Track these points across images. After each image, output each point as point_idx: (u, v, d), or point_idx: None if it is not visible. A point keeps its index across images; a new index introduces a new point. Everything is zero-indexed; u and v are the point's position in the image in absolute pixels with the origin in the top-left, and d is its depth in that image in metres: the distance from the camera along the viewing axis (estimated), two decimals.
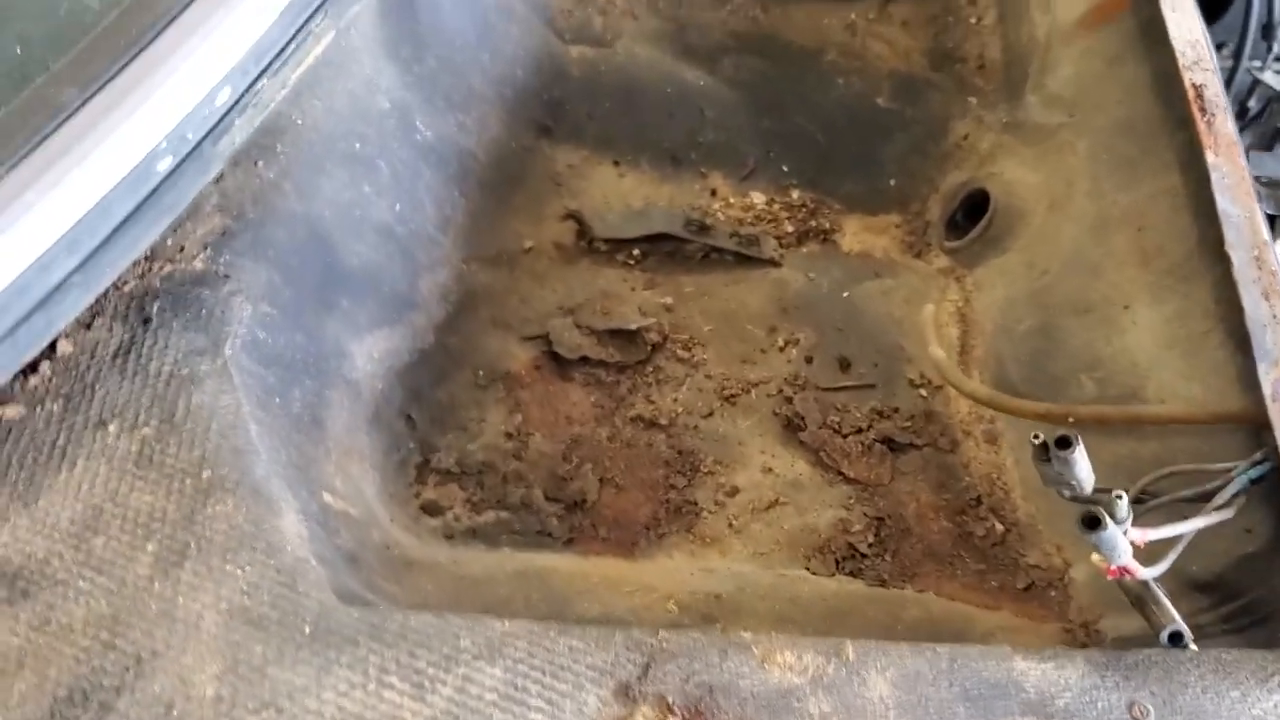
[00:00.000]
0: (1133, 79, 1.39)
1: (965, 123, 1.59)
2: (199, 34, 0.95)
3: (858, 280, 1.45)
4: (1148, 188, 1.30)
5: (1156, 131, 1.31)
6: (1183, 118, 1.24)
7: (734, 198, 1.54)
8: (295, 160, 1.17)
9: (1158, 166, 1.29)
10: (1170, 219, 1.24)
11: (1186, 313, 1.17)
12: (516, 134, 1.52)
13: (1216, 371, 1.10)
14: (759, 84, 1.61)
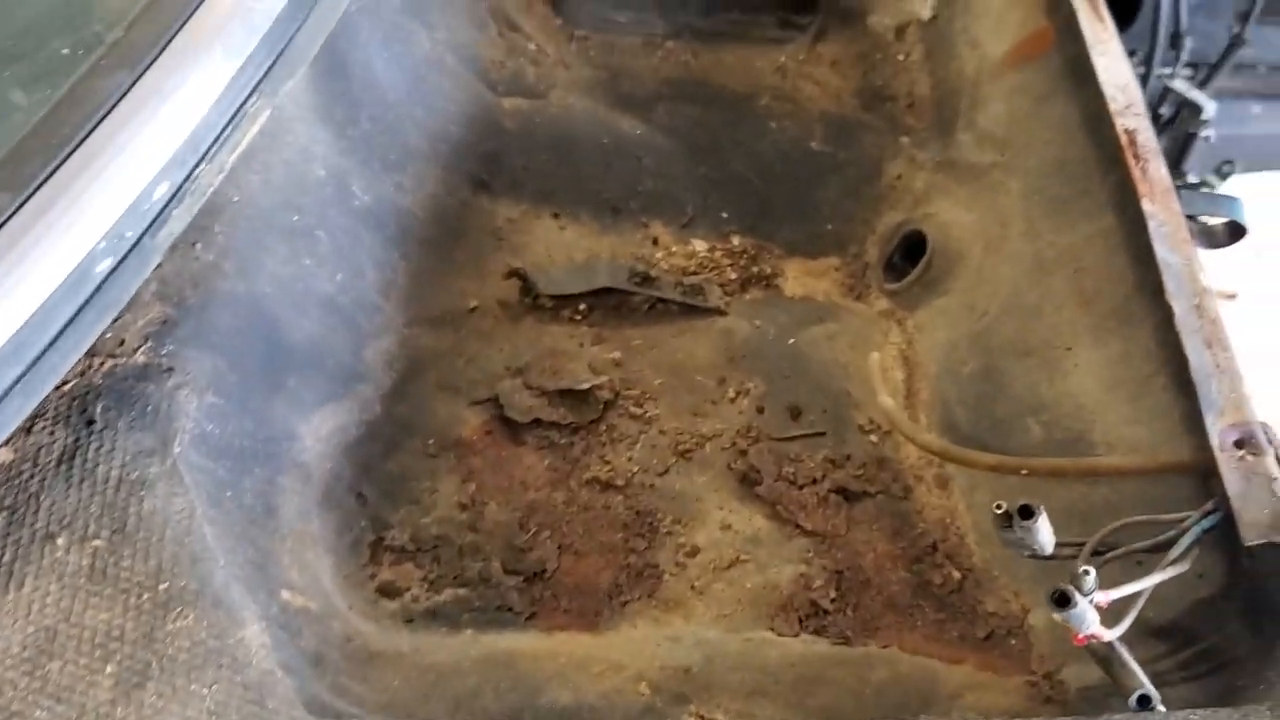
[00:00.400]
0: (1062, 118, 1.41)
1: (898, 163, 1.60)
2: (133, 128, 0.93)
3: (802, 325, 1.45)
4: (1083, 229, 1.31)
5: (1089, 172, 1.33)
6: (1114, 158, 1.25)
7: (676, 246, 1.54)
8: (234, 239, 1.14)
9: (1092, 207, 1.31)
10: (1107, 261, 1.26)
11: (1129, 355, 1.19)
12: (454, 190, 1.50)
13: (1162, 415, 1.11)
14: (694, 131, 1.61)
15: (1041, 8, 1.51)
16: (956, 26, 1.68)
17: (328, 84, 1.35)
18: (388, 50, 1.46)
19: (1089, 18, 1.37)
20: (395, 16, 1.49)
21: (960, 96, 1.61)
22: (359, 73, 1.40)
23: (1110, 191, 1.29)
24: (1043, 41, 1.51)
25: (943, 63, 1.68)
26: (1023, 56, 1.55)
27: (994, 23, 1.62)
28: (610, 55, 1.69)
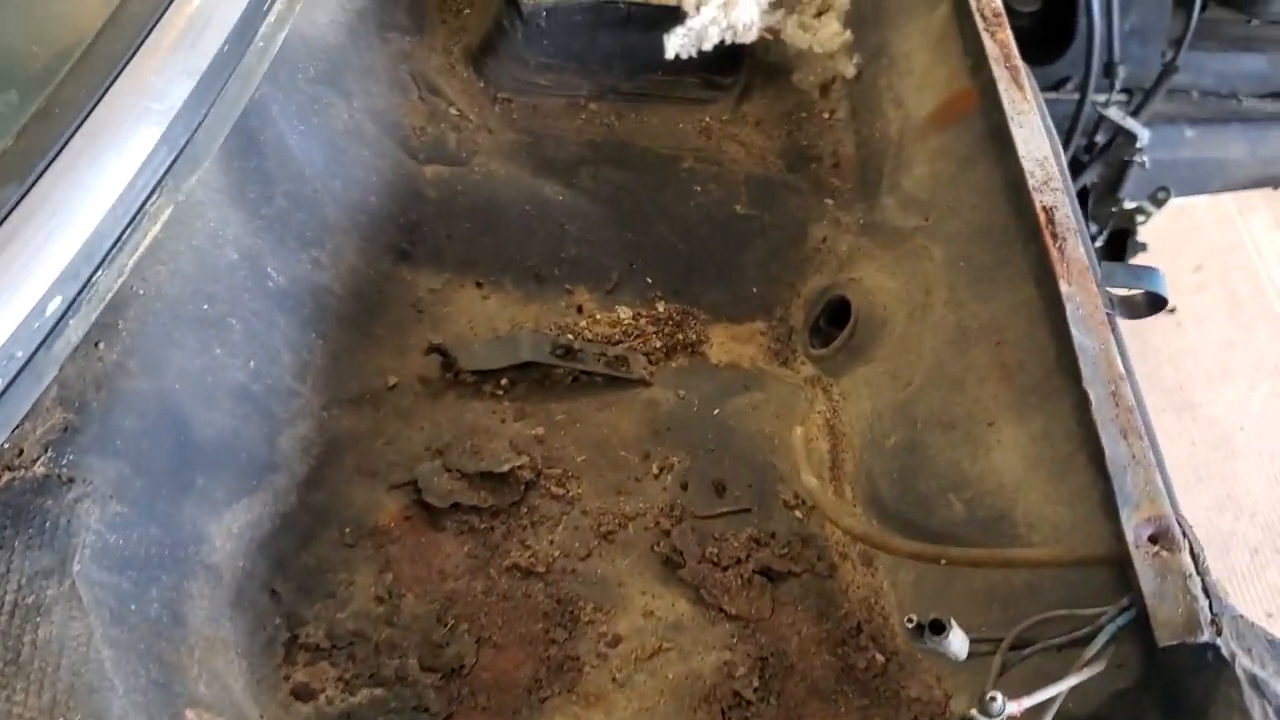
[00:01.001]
0: (985, 183, 1.42)
1: (823, 225, 1.61)
2: (21, 244, 0.91)
3: (728, 395, 1.45)
4: (1005, 299, 1.32)
5: (1011, 240, 1.34)
6: (1035, 230, 1.27)
7: (601, 313, 1.53)
8: (140, 335, 1.12)
9: (1014, 277, 1.32)
10: (1029, 333, 1.27)
11: (1050, 432, 1.20)
12: (374, 262, 1.49)
13: (1083, 496, 1.12)
14: (619, 196, 1.60)
15: (965, 68, 1.52)
16: (881, 84, 1.70)
17: (239, 163, 1.33)
18: (303, 123, 1.44)
19: (1008, 86, 1.38)
20: (310, 88, 1.47)
21: (884, 157, 1.62)
22: (272, 149, 1.38)
23: (1031, 263, 1.30)
24: (966, 103, 1.52)
25: (867, 122, 1.69)
26: (947, 117, 1.56)
27: (918, 81, 1.63)
28: (533, 118, 1.69)
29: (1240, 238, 4.38)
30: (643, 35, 1.63)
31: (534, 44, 1.65)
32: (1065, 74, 3.06)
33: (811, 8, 1.66)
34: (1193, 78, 3.21)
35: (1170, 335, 3.94)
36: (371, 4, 1.66)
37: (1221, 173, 3.42)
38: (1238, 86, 3.31)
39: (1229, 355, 3.96)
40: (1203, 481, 3.53)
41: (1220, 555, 3.39)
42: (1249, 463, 3.61)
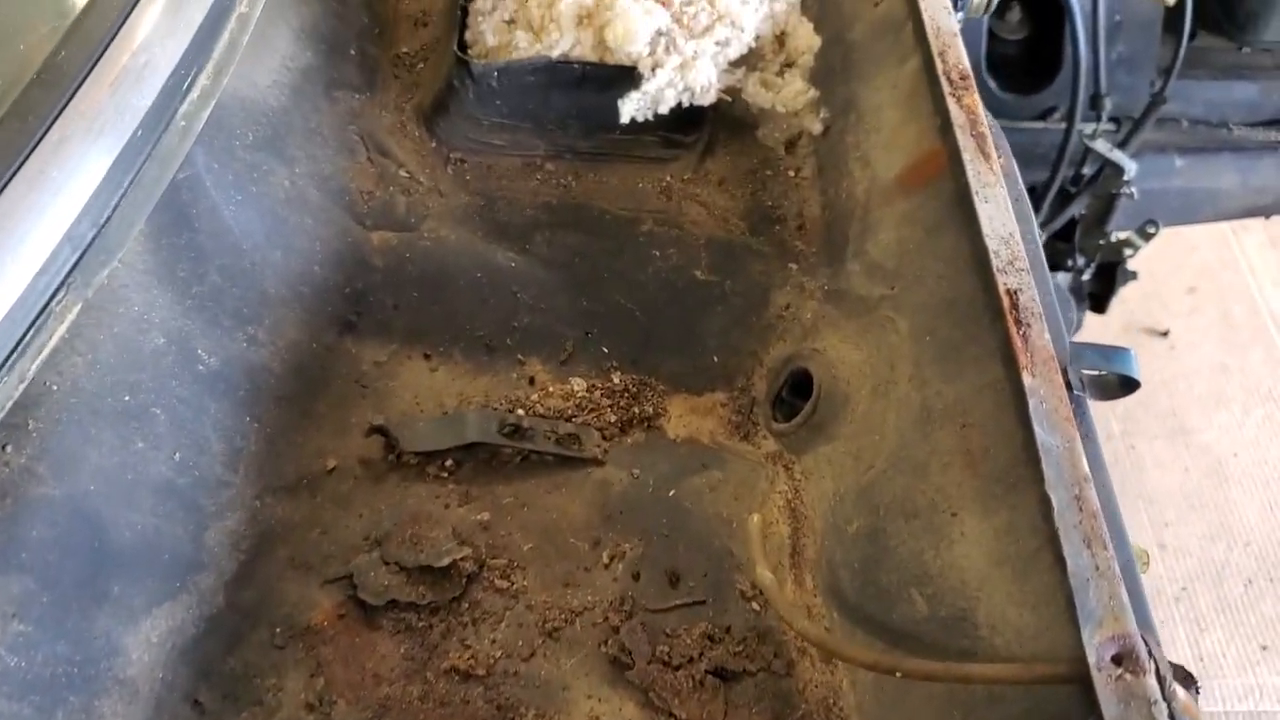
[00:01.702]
0: (952, 253, 1.37)
1: (786, 291, 1.56)
2: None
3: (684, 474, 1.41)
4: (971, 379, 1.28)
5: (978, 315, 1.29)
6: (999, 311, 1.22)
7: (554, 385, 1.48)
8: (52, 434, 1.08)
9: (980, 355, 1.27)
10: (995, 417, 1.22)
11: (1015, 527, 1.15)
12: (317, 334, 1.44)
13: (1047, 599, 1.07)
14: (574, 262, 1.56)
15: (934, 128, 1.48)
16: (849, 141, 1.65)
17: (169, 240, 1.28)
18: (240, 193, 1.39)
19: (974, 156, 1.34)
20: (249, 155, 1.43)
21: (851, 220, 1.58)
22: (206, 223, 1.33)
23: (999, 340, 1.25)
24: (935, 165, 1.48)
25: (834, 181, 1.64)
26: (915, 180, 1.52)
27: (887, 139, 1.59)
28: (487, 179, 1.64)
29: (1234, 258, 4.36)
30: (598, 95, 1.59)
31: (486, 104, 1.61)
32: (1052, 103, 3.04)
33: (774, 64, 1.61)
34: (1182, 106, 3.19)
35: (1163, 359, 3.92)
36: (319, 61, 1.61)
37: (1212, 202, 3.40)
38: (1228, 115, 3.29)
39: (1223, 379, 3.93)
40: (1196, 510, 3.50)
41: (1214, 586, 3.36)
42: (1243, 490, 3.58)
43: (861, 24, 1.75)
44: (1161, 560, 3.33)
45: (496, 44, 1.56)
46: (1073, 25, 2.65)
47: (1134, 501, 3.45)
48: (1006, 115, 2.99)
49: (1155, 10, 2.92)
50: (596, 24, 1.49)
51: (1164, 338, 3.98)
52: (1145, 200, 2.94)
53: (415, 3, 1.84)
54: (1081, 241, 3.10)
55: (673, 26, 1.49)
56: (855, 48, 1.73)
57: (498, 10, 1.57)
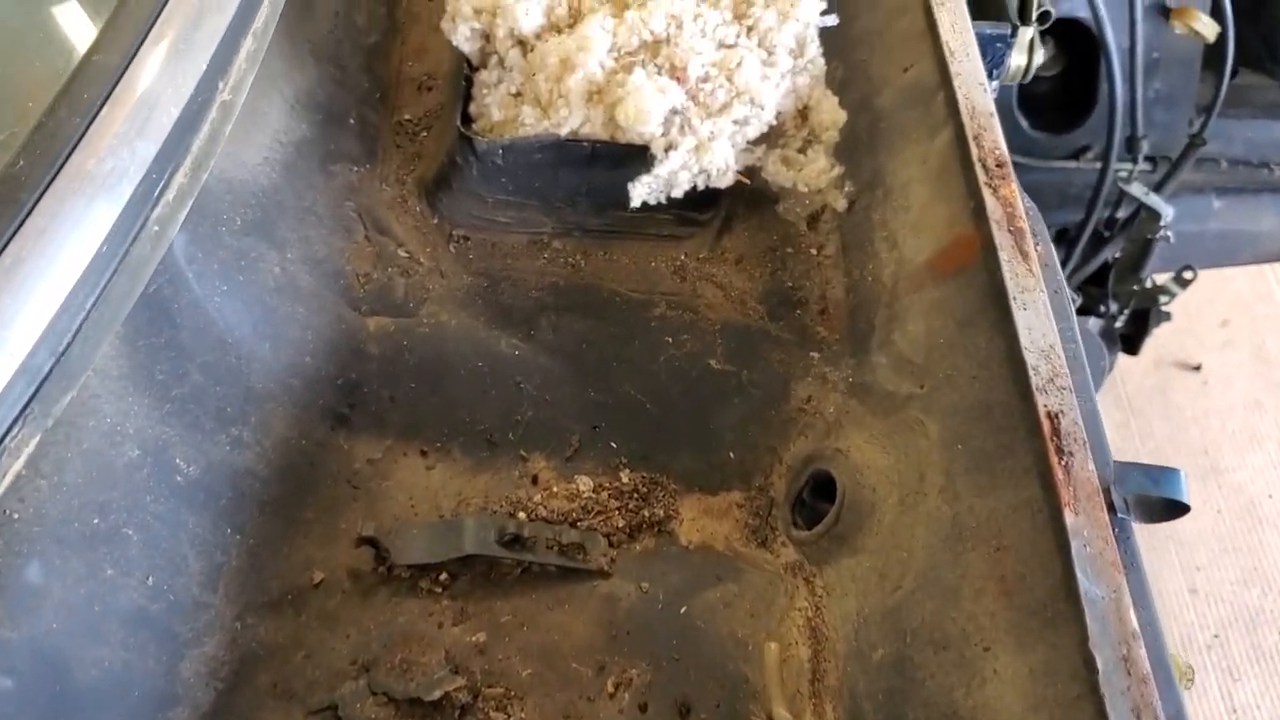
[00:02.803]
0: (986, 353, 1.29)
1: (808, 383, 1.48)
2: None
3: (697, 588, 1.33)
4: (1006, 496, 1.19)
5: (1014, 425, 1.21)
6: (1035, 426, 1.14)
7: (558, 485, 1.40)
8: (10, 570, 1.01)
9: (1016, 470, 1.19)
10: (1032, 542, 1.14)
11: (1053, 668, 1.06)
12: (307, 430, 1.37)
13: None
14: (581, 349, 1.48)
15: (967, 210, 1.40)
16: (875, 219, 1.57)
17: (146, 341, 1.21)
18: (226, 283, 1.32)
19: (1012, 255, 1.25)
20: (236, 241, 1.36)
21: (877, 306, 1.49)
22: (188, 318, 1.27)
23: (1036, 455, 1.17)
24: (968, 251, 1.40)
25: (859, 262, 1.56)
26: (946, 266, 1.43)
27: (916, 219, 1.50)
28: (491, 258, 1.57)
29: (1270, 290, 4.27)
30: (609, 173, 1.51)
31: (491, 181, 1.53)
32: (1085, 141, 2.96)
33: (796, 140, 1.53)
34: (1221, 146, 3.11)
35: (1195, 395, 3.84)
36: (315, 133, 1.54)
37: (1251, 245, 3.32)
38: (1269, 155, 3.21)
39: (1257, 417, 3.86)
40: (1229, 553, 3.43)
41: (1247, 633, 3.27)
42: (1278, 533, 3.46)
43: (890, 90, 1.67)
44: (1192, 606, 3.25)
45: (502, 118, 1.49)
46: (1109, 63, 2.57)
47: (1164, 544, 3.37)
48: (1038, 154, 2.92)
49: (1195, 47, 2.84)
50: (607, 101, 1.42)
51: (1196, 372, 3.91)
52: (1181, 242, 2.86)
53: (419, 65, 1.77)
54: (1115, 286, 3.02)
55: (688, 104, 1.42)
56: (883, 116, 1.65)
57: (504, 83, 1.50)
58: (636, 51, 1.45)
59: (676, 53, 1.43)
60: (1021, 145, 2.84)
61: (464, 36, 1.51)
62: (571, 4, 1.49)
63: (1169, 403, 3.81)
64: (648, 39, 1.44)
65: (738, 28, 1.48)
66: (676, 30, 1.45)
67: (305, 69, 1.58)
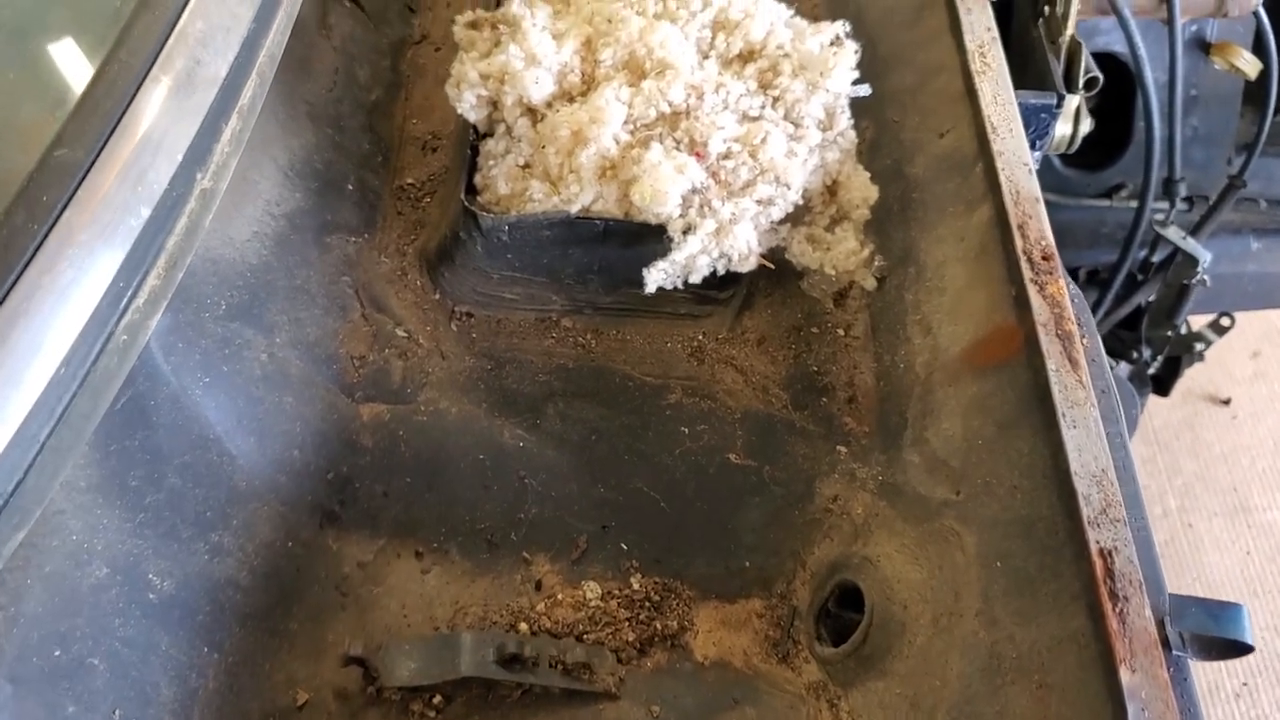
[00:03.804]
0: (1028, 462, 1.21)
1: (834, 480, 1.39)
2: None
3: (712, 712, 1.24)
4: (1050, 627, 1.10)
5: (1059, 546, 1.13)
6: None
7: (564, 591, 1.32)
8: None
9: (1062, 597, 1.10)
10: (1080, 683, 1.05)
11: None
12: (294, 531, 1.29)
13: None
14: (591, 440, 1.40)
15: (1008, 299, 1.31)
16: (908, 299, 1.48)
17: (119, 445, 1.13)
18: (208, 374, 1.25)
19: (1061, 364, 1.17)
20: (220, 327, 1.28)
21: (909, 398, 1.41)
22: (166, 416, 1.19)
23: (1084, 583, 1.08)
24: (1009, 345, 1.31)
25: (890, 346, 1.47)
26: (985, 358, 1.35)
27: (952, 304, 1.42)
28: (496, 337, 1.48)
29: None
30: (622, 250, 1.43)
31: (496, 257, 1.45)
32: (1119, 180, 2.88)
33: (824, 218, 1.44)
34: (1261, 186, 3.02)
35: (1224, 430, 3.76)
36: (310, 203, 1.47)
37: None
38: None
39: None
40: (1259, 596, 3.38)
41: (1278, 682, 3.19)
42: None
43: (924, 157, 1.58)
44: None
45: (509, 192, 1.41)
46: (1146, 101, 2.48)
47: (1191, 585, 3.32)
48: (1070, 191, 2.84)
49: (1235, 84, 2.76)
50: (621, 178, 1.34)
51: (1225, 406, 3.82)
52: (1218, 284, 2.77)
53: (424, 123, 1.69)
54: (1148, 331, 2.93)
55: (708, 183, 1.33)
56: (916, 185, 1.56)
57: (512, 153, 1.42)
58: (653, 124, 1.36)
59: (696, 126, 1.34)
60: (1053, 182, 2.76)
61: (469, 104, 1.43)
62: (585, 71, 1.41)
63: (1197, 438, 3.73)
64: (666, 111, 1.36)
65: (763, 98, 1.39)
66: (697, 101, 1.37)
67: (302, 133, 1.50)
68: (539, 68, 1.39)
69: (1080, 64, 1.56)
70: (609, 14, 1.42)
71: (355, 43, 1.66)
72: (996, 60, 1.45)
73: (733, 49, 1.43)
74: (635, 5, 1.44)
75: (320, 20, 1.61)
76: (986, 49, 1.47)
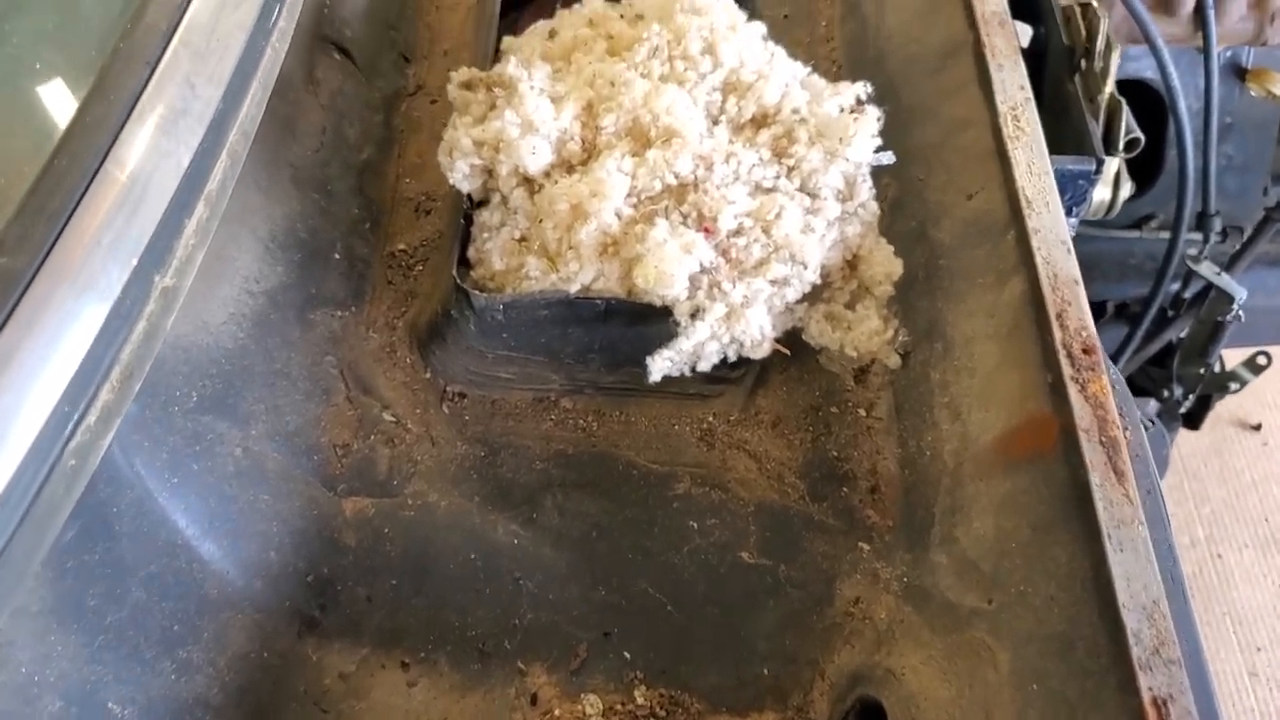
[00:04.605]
0: (1067, 572, 1.12)
1: (856, 581, 1.31)
2: None
3: None
4: None
5: (1104, 672, 1.04)
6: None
7: (561, 705, 1.24)
8: None
9: None
10: None
11: None
12: (270, 641, 1.22)
13: None
14: (591, 537, 1.32)
15: (1044, 386, 1.22)
16: (934, 378, 1.40)
17: (77, 559, 1.06)
18: (177, 474, 1.17)
19: (1104, 475, 1.08)
20: (190, 422, 1.21)
21: (937, 490, 1.32)
22: (129, 523, 1.11)
23: (1131, 717, 0.99)
24: (1044, 437, 1.22)
25: (915, 430, 1.39)
26: (1018, 450, 1.26)
27: (982, 387, 1.33)
28: (491, 419, 1.40)
29: None
30: (625, 329, 1.35)
31: (491, 336, 1.37)
32: (1149, 210, 2.81)
33: (843, 294, 1.36)
34: None
35: (1255, 457, 3.67)
36: (293, 276, 1.39)
37: None
38: None
39: None
40: None
41: None
42: None
43: (950, 220, 1.50)
44: (1252, 691, 3.08)
45: (504, 267, 1.33)
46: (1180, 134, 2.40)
47: (1220, 620, 3.21)
48: (1098, 221, 2.77)
49: (1272, 111, 2.69)
50: (624, 255, 1.26)
51: (1255, 432, 3.75)
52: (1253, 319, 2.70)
53: (417, 182, 1.61)
54: (1180, 369, 2.85)
55: (718, 261, 1.25)
56: (942, 251, 1.48)
57: (507, 226, 1.34)
58: (659, 197, 1.28)
59: (705, 200, 1.26)
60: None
61: (462, 174, 1.35)
62: (585, 138, 1.33)
63: (1226, 465, 3.67)
64: (672, 183, 1.28)
65: (777, 168, 1.31)
66: (705, 172, 1.29)
67: (285, 200, 1.43)
68: (536, 135, 1.31)
69: (1121, 124, 1.47)
70: (611, 76, 1.34)
71: (345, 98, 1.59)
72: (1031, 124, 1.37)
73: (744, 113, 1.35)
74: (640, 66, 1.36)
75: (307, 75, 1.54)
76: (1020, 111, 1.39)
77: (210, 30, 1.10)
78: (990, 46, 1.47)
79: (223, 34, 1.10)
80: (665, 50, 1.37)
